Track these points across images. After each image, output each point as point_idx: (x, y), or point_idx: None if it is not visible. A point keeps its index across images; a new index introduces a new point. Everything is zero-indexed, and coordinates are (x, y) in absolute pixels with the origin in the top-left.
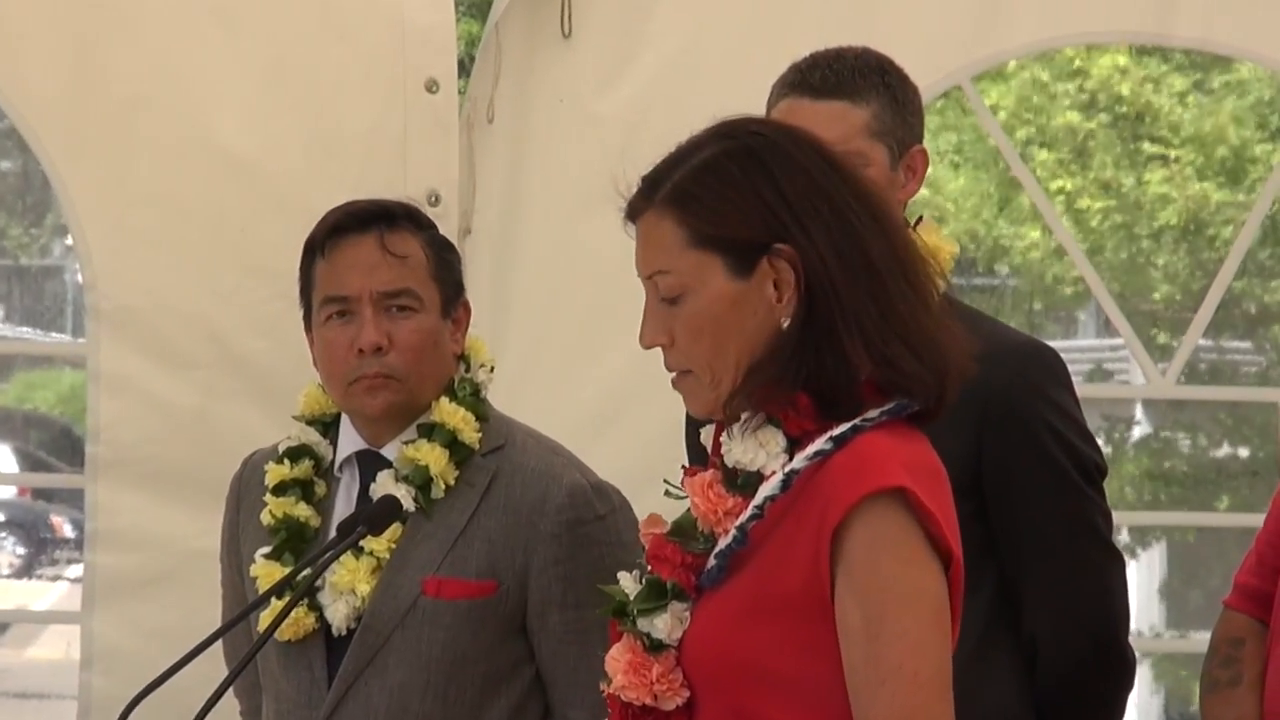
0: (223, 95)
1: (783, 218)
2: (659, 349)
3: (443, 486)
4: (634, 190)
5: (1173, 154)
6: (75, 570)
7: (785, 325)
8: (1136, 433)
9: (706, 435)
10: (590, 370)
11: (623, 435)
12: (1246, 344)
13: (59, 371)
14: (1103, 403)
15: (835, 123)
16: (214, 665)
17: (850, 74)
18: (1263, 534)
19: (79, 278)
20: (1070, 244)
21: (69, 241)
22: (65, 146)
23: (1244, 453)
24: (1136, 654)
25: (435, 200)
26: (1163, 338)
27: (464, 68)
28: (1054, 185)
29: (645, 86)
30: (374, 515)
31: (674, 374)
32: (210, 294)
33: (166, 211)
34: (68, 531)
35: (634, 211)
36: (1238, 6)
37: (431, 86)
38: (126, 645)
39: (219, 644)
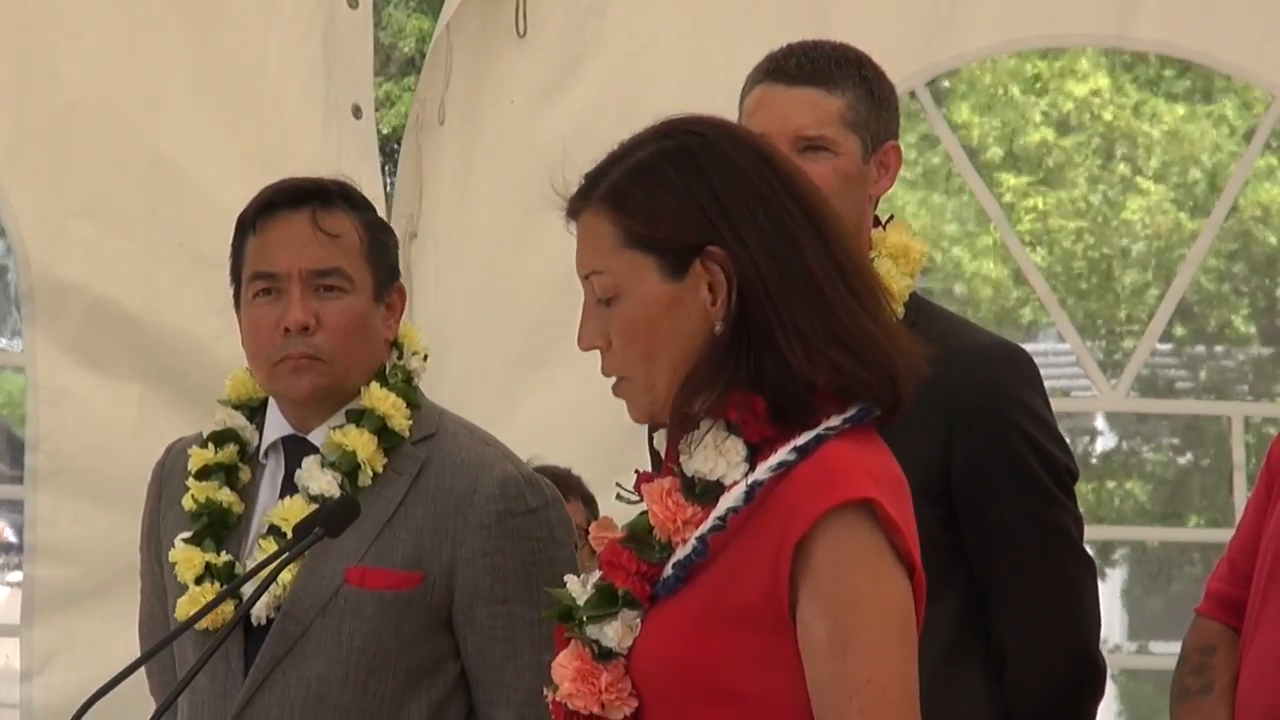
0: (164, 107)
1: (714, 219)
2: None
3: (370, 474)
4: (574, 189)
5: (1149, 186)
6: (18, 575)
7: (718, 329)
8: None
9: (659, 440)
10: (539, 376)
11: (570, 441)
12: (1205, 351)
13: (1, 374)
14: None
15: (808, 109)
16: None
17: (826, 63)
18: (1235, 541)
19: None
20: (1021, 254)
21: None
22: (4, 154)
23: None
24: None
25: None
26: (1121, 354)
27: (415, 66)
28: (1025, 204)
29: (600, 88)
30: (331, 517)
31: (613, 381)
32: (149, 307)
33: (105, 223)
34: (9, 536)
35: (573, 210)
36: (1198, 11)
37: (356, 112)
38: (67, 657)
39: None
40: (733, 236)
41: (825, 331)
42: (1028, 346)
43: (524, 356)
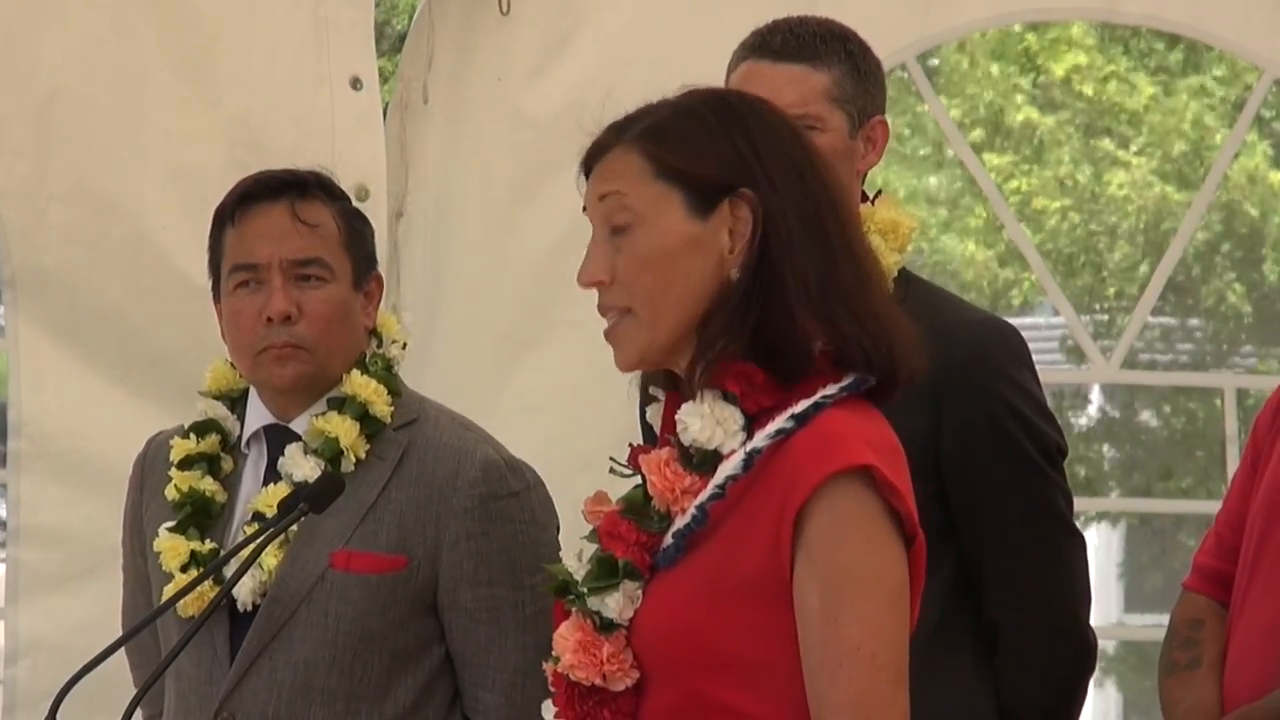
0: (147, 90)
1: (751, 165)
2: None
3: (353, 460)
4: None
5: (1132, 159)
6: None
7: (735, 276)
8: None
9: (653, 414)
10: (526, 356)
11: (558, 422)
12: (1196, 323)
13: None
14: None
15: (794, 85)
16: None
17: (812, 39)
18: (1222, 515)
19: None
20: (1016, 230)
21: None
22: None
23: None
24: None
25: (364, 195)
26: (1114, 327)
27: (398, 45)
28: (1009, 186)
29: (585, 66)
30: (315, 493)
31: (608, 321)
32: (130, 292)
33: (88, 208)
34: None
35: (599, 149)
36: None
37: (355, 84)
38: (51, 640)
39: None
40: (767, 183)
41: (833, 293)
42: (1019, 321)
43: (514, 334)
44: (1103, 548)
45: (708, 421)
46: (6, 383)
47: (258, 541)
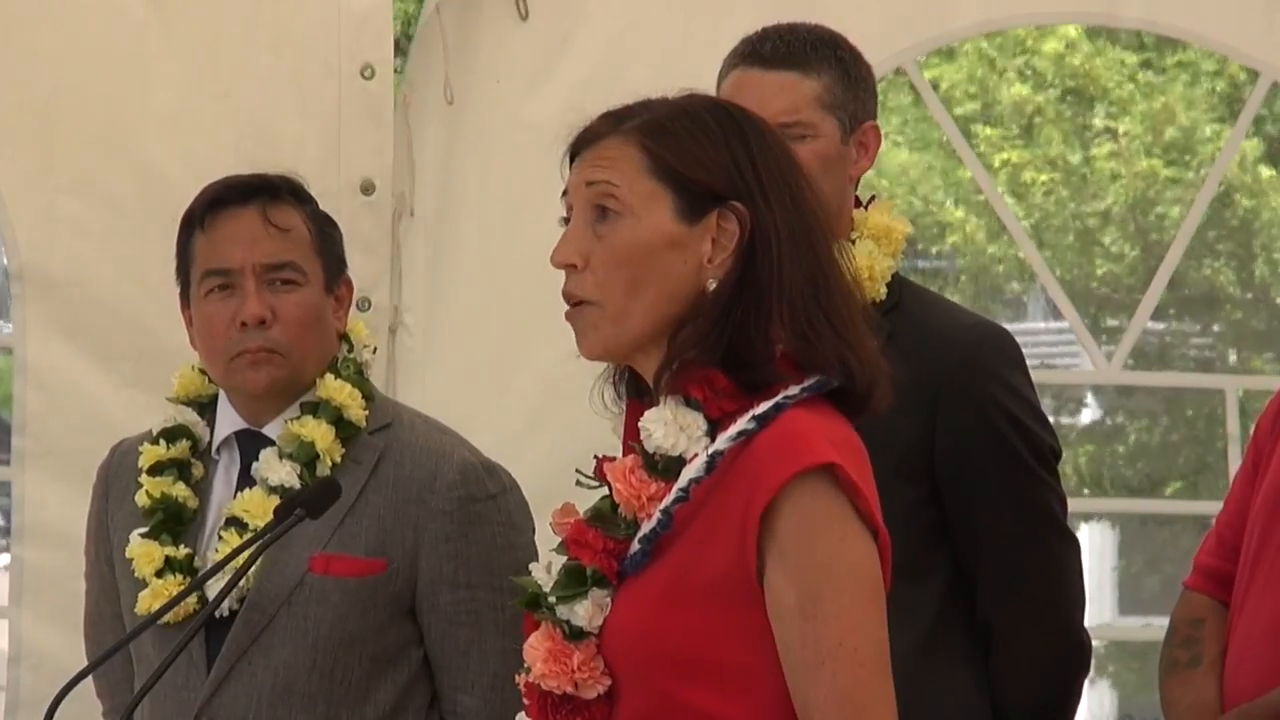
0: (153, 82)
1: (747, 178)
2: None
3: (329, 464)
4: (588, 123)
5: (1121, 129)
6: (6, 559)
7: (712, 286)
8: (1085, 416)
9: (615, 426)
10: (531, 358)
11: (563, 424)
12: (1196, 327)
13: None
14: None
15: (785, 93)
16: None
17: (802, 46)
18: (1223, 515)
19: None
20: (1016, 229)
21: None
22: None
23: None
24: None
25: (369, 189)
26: (1109, 320)
27: (399, 48)
28: (998, 159)
29: (588, 68)
30: (312, 498)
31: (570, 305)
32: (138, 286)
33: (94, 201)
34: None
35: (592, 136)
36: None
37: (366, 72)
38: (55, 641)
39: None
40: (760, 198)
41: (818, 308)
42: (1020, 325)
43: (515, 336)
44: (1098, 549)
45: (671, 428)
46: (12, 378)
47: (254, 547)
